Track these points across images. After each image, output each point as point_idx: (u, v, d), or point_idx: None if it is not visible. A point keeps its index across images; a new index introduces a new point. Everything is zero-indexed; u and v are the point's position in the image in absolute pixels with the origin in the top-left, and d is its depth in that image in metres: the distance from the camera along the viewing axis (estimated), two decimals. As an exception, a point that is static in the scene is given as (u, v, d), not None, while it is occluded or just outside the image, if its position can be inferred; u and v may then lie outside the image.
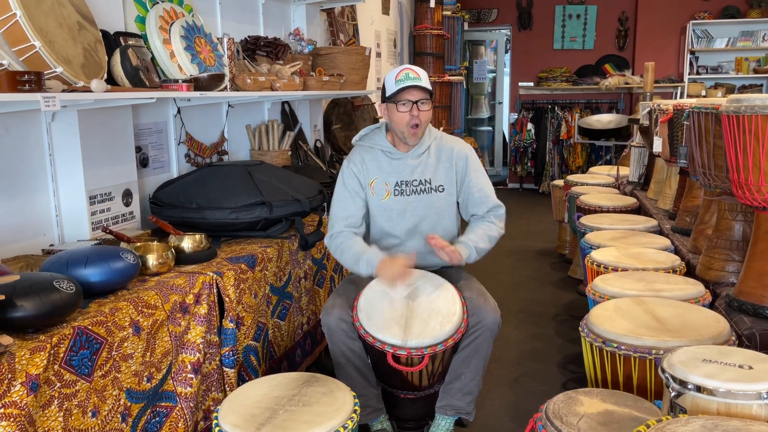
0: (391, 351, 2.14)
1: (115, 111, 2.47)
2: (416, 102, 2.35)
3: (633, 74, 8.49)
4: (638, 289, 2.35)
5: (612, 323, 2.01)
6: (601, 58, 8.85)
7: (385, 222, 2.48)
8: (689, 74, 8.20)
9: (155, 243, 2.21)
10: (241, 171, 2.72)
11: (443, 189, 2.49)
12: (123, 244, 2.19)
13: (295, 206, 2.70)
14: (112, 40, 2.47)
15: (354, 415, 1.73)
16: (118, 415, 1.74)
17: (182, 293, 2.01)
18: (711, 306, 2.29)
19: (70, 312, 1.62)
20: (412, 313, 2.24)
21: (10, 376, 1.41)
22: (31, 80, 1.72)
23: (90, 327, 1.64)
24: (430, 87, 2.38)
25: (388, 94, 2.37)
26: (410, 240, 2.48)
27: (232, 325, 2.20)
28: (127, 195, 2.56)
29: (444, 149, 2.51)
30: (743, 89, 8.08)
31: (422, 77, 2.36)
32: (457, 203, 2.56)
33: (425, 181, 2.47)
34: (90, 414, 1.63)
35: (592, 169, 5.97)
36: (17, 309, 1.51)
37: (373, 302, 2.28)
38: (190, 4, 2.99)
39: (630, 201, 4.15)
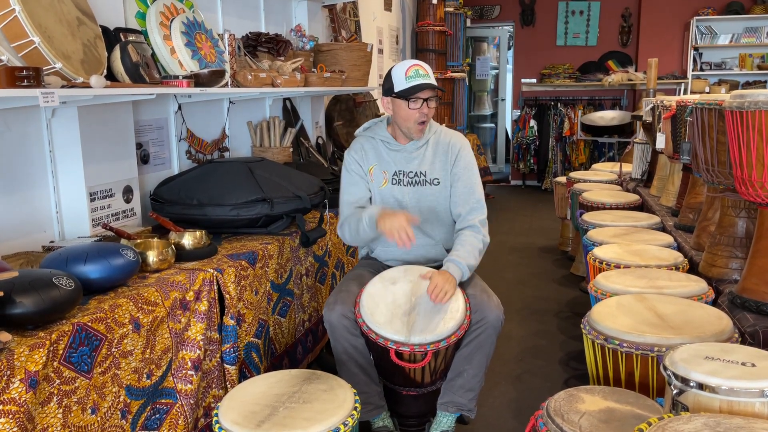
0: (394, 347, 2.14)
1: (115, 107, 2.47)
2: (426, 100, 2.36)
3: (636, 71, 8.46)
4: (640, 286, 2.34)
5: (614, 320, 2.00)
6: (604, 55, 8.82)
7: None
8: (693, 70, 8.17)
9: (155, 240, 2.20)
10: (242, 167, 2.71)
11: (438, 182, 2.49)
12: (123, 241, 2.18)
13: (296, 203, 2.69)
14: (112, 36, 2.46)
15: (354, 412, 1.73)
16: (118, 412, 1.74)
17: (182, 290, 2.01)
18: (714, 303, 2.28)
19: (69, 309, 1.62)
20: (415, 310, 2.23)
21: (9, 372, 1.40)
22: (30, 76, 1.71)
23: (89, 324, 1.64)
24: (436, 84, 2.40)
25: (397, 89, 2.37)
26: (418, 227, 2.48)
27: (232, 322, 2.20)
28: (127, 191, 2.56)
29: (441, 143, 2.52)
30: (747, 85, 8.04)
31: (430, 74, 2.39)
32: None
33: (421, 173, 2.48)
34: (89, 411, 1.63)
35: (594, 166, 5.96)
36: (16, 305, 1.50)
37: (375, 299, 2.27)
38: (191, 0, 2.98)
39: (633, 198, 4.14)
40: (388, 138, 2.50)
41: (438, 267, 2.47)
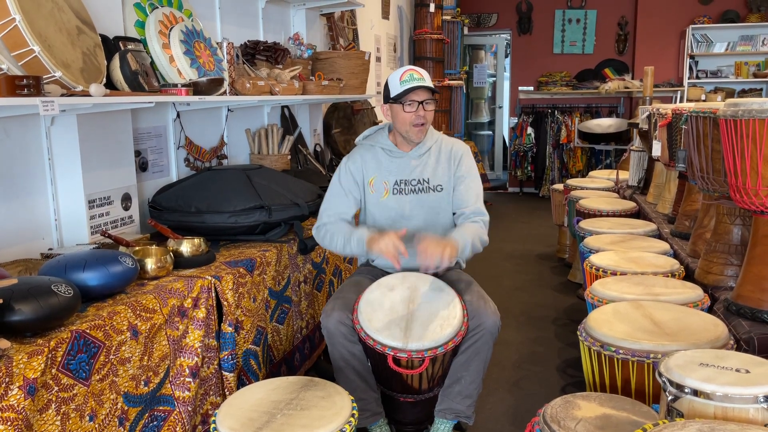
0: (392, 354, 2.15)
1: (114, 115, 2.48)
2: (422, 102, 2.39)
3: (633, 78, 8.50)
4: (637, 293, 2.35)
5: (610, 327, 2.01)
6: (601, 63, 8.87)
7: (383, 220, 2.51)
8: (689, 78, 8.21)
9: (154, 247, 2.21)
10: (241, 175, 2.72)
11: (441, 188, 2.51)
12: (122, 248, 2.19)
13: (294, 210, 2.70)
14: (111, 45, 2.47)
15: (352, 419, 1.73)
16: (116, 419, 1.74)
17: (181, 297, 2.01)
18: (709, 310, 2.29)
19: (68, 316, 1.62)
20: (413, 316, 2.24)
21: (7, 379, 1.41)
22: (30, 85, 1.72)
23: (88, 331, 1.64)
24: (433, 86, 2.42)
25: (393, 94, 2.40)
26: (408, 239, 2.49)
27: (230, 329, 2.20)
28: (126, 199, 2.57)
29: (443, 150, 2.55)
30: (743, 93, 8.09)
31: (426, 77, 2.42)
32: None
33: (423, 180, 2.50)
34: (87, 418, 1.63)
35: (591, 173, 5.98)
36: (15, 313, 1.51)
37: (373, 305, 2.28)
38: (190, 8, 2.99)
39: (629, 205, 4.15)
40: (389, 146, 2.52)
41: (437, 274, 2.48)
